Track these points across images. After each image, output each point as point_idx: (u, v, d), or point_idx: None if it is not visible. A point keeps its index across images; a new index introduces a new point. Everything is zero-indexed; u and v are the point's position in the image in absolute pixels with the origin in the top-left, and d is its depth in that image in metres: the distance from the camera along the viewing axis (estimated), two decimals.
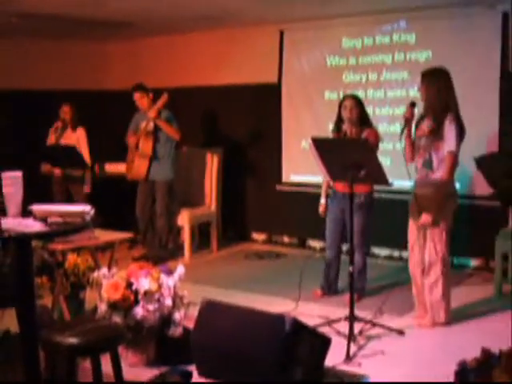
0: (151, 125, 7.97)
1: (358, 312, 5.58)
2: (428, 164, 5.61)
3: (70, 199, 8.44)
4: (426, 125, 5.64)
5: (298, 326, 4.14)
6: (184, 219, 8.42)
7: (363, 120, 6.42)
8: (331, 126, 6.70)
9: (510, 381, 3.27)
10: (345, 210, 6.37)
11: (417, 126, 5.72)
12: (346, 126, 6.38)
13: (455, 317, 5.87)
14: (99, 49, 10.38)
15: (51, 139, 8.63)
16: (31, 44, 9.49)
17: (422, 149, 5.64)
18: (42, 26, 8.57)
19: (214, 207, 8.89)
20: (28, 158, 7.78)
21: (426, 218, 5.57)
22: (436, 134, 5.54)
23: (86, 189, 8.70)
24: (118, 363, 3.79)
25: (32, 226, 3.56)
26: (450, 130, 5.48)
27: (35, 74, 9.43)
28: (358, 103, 6.42)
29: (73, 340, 3.55)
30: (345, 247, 6.94)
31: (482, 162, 3.28)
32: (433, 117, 5.58)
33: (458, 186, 5.90)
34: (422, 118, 5.71)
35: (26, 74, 9.32)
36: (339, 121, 6.45)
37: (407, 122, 5.64)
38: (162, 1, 7.31)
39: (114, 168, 9.28)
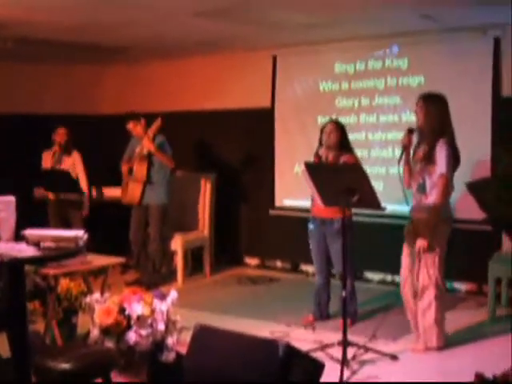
0: (145, 150, 7.98)
1: (351, 337, 5.57)
2: (422, 188, 5.64)
3: (66, 224, 8.41)
4: (421, 150, 5.68)
5: (292, 351, 4.11)
6: (177, 244, 8.42)
7: (343, 145, 6.46)
8: None
9: None
10: (326, 236, 6.44)
11: (414, 152, 5.76)
12: (322, 151, 6.42)
13: (449, 341, 5.86)
14: (93, 73, 10.40)
15: (47, 163, 8.62)
16: (25, 68, 9.50)
17: (417, 174, 5.68)
18: (37, 50, 8.61)
19: (206, 232, 8.89)
20: (23, 182, 7.73)
21: (421, 242, 5.58)
22: (429, 158, 5.58)
23: (84, 213, 8.68)
24: None
25: (25, 250, 3.57)
26: (441, 153, 5.53)
27: (29, 98, 9.47)
28: (339, 128, 6.48)
29: (65, 366, 3.54)
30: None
31: (474, 187, 3.29)
32: (427, 142, 5.62)
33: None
34: (418, 143, 5.75)
35: (20, 98, 9.35)
36: (321, 145, 6.50)
37: (405, 148, 5.70)
38: (156, 27, 7.36)
39: (112, 192, 9.28)
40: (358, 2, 6.35)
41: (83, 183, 8.59)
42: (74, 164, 8.56)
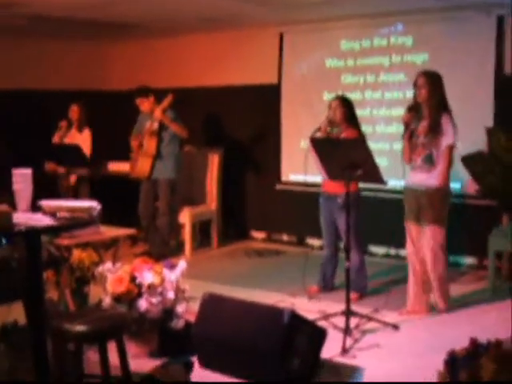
0: (155, 124, 8.10)
1: (354, 308, 5.76)
2: (429, 159, 5.83)
3: (75, 197, 8.55)
4: (423, 124, 5.85)
5: (296, 319, 4.28)
6: (185, 217, 8.59)
7: (348, 121, 6.55)
8: None
9: (497, 368, 3.44)
10: (333, 210, 6.58)
11: (414, 127, 5.91)
12: (324, 124, 6.43)
13: (449, 310, 6.11)
14: (103, 50, 10.53)
15: (56, 138, 8.80)
16: (38, 45, 9.63)
17: (421, 146, 5.87)
18: (50, 27, 8.74)
19: (214, 205, 9.05)
20: (35, 156, 7.86)
21: (429, 215, 5.82)
22: (435, 131, 5.78)
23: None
24: (124, 350, 3.93)
25: (42, 220, 3.72)
26: (447, 126, 5.77)
27: (41, 75, 9.59)
28: (344, 104, 6.57)
29: (81, 327, 3.70)
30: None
31: (468, 160, 3.40)
32: (432, 116, 5.80)
33: (453, 184, 6.08)
34: (418, 117, 5.90)
35: (32, 74, 9.48)
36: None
37: (406, 125, 5.89)
38: (165, 4, 7.47)
39: (117, 167, 9.48)
40: None
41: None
42: (83, 141, 8.72)
